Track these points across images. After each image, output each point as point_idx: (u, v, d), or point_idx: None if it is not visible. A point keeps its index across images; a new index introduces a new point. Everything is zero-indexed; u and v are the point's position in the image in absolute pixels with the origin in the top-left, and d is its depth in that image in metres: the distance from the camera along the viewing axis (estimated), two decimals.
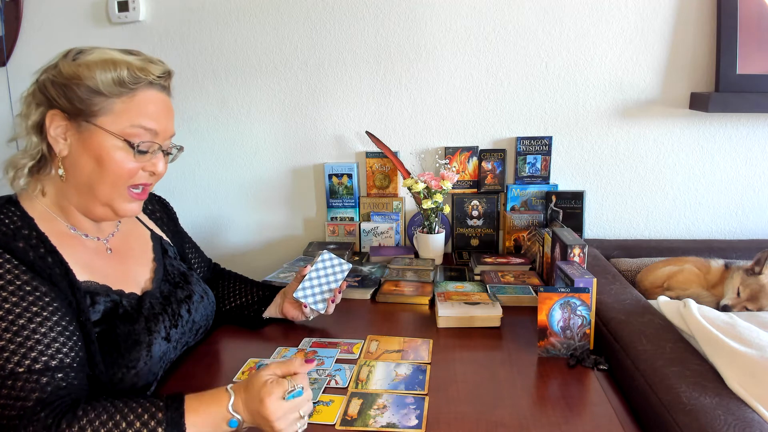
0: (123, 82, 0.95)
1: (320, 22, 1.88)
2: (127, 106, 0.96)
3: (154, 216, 1.27)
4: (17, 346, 0.83)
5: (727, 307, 1.36)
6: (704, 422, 0.89)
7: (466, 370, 1.13)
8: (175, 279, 1.17)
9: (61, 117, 0.95)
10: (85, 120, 0.95)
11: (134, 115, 0.97)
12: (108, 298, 0.99)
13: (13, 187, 0.98)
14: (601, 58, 1.81)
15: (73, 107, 0.94)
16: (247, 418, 0.86)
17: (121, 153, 0.97)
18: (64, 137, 0.96)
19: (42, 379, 0.84)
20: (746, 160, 1.85)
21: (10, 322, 0.84)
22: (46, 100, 0.95)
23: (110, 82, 0.95)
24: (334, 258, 1.32)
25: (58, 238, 0.96)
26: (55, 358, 0.86)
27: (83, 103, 0.94)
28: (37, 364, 0.84)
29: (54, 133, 0.95)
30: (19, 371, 0.83)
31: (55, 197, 1.00)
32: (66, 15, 1.96)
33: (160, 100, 1.01)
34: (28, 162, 0.97)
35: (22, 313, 0.85)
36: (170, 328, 1.07)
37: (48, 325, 0.87)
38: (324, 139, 1.97)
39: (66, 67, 0.95)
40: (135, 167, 0.99)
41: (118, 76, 0.95)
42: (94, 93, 0.94)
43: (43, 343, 0.85)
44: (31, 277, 0.88)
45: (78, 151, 0.96)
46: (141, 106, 0.98)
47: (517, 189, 1.89)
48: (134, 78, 0.96)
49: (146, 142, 0.99)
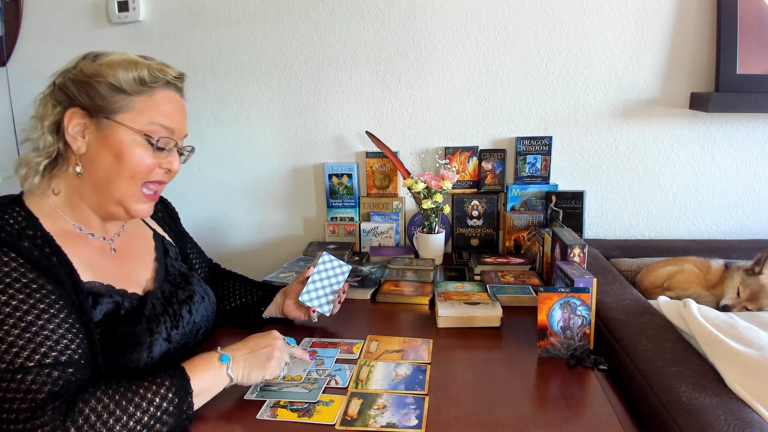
0: (144, 81, 0.99)
1: (320, 22, 1.88)
2: (146, 105, 1.00)
3: (156, 216, 1.27)
4: (26, 342, 0.84)
5: (727, 307, 1.36)
6: (704, 422, 0.89)
7: (466, 370, 1.13)
8: (177, 279, 1.17)
9: (81, 115, 0.98)
10: (106, 117, 0.98)
11: (153, 113, 1.00)
12: (110, 300, 0.99)
13: (24, 186, 0.99)
14: (601, 58, 1.81)
15: (94, 104, 0.97)
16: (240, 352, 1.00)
17: (140, 149, 1.00)
18: (82, 135, 0.98)
19: (54, 373, 0.85)
20: (746, 160, 1.85)
21: (18, 318, 0.85)
22: (66, 98, 0.98)
23: (131, 81, 0.98)
24: (334, 260, 1.33)
25: (62, 238, 0.97)
26: (64, 353, 0.87)
27: (105, 100, 0.97)
28: (48, 359, 0.85)
29: (72, 131, 0.98)
30: (29, 365, 0.84)
31: (67, 195, 1.01)
32: (66, 15, 1.96)
33: (176, 100, 1.06)
34: (43, 160, 0.98)
35: (30, 309, 0.86)
36: (171, 329, 1.07)
37: (56, 322, 0.88)
38: (324, 139, 1.97)
39: (87, 67, 0.98)
40: (153, 163, 1.02)
41: (139, 75, 0.99)
42: (115, 90, 0.97)
43: (52, 339, 0.86)
44: (36, 276, 0.89)
45: (97, 148, 0.99)
46: (159, 104, 1.01)
47: (517, 189, 1.89)
48: (154, 77, 1.00)
49: (164, 138, 1.02)
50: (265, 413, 0.98)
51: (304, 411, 0.98)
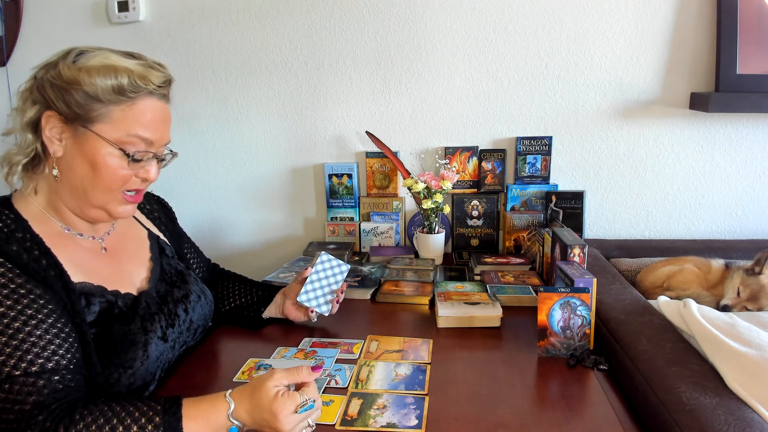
0: (123, 90, 0.94)
1: (320, 22, 1.88)
2: (125, 115, 0.95)
3: (152, 216, 1.27)
4: (13, 350, 0.83)
5: (727, 307, 1.36)
6: (704, 422, 0.89)
7: (466, 370, 1.13)
8: (172, 278, 1.17)
9: (58, 119, 0.94)
10: (82, 125, 0.94)
11: (131, 124, 0.96)
12: (103, 299, 0.98)
13: (8, 183, 0.98)
14: (601, 58, 1.81)
15: (70, 111, 0.93)
16: (249, 422, 0.86)
17: (115, 160, 0.96)
18: (59, 138, 0.95)
19: (39, 382, 0.83)
20: (746, 160, 1.84)
21: (5, 326, 0.84)
22: (43, 101, 0.94)
23: (109, 90, 0.93)
24: (333, 259, 1.32)
25: (52, 239, 0.96)
26: (51, 360, 0.86)
27: (81, 108, 0.93)
28: (34, 367, 0.84)
29: (49, 133, 0.95)
30: (15, 374, 0.83)
31: (48, 196, 1.00)
32: (66, 15, 1.96)
33: (158, 108, 1.00)
34: (22, 159, 0.96)
35: (17, 316, 0.85)
36: (167, 328, 1.07)
37: (43, 328, 0.86)
38: (324, 139, 1.97)
39: (66, 71, 0.93)
40: (128, 174, 0.99)
41: (118, 84, 0.94)
42: (92, 99, 0.93)
43: (38, 345, 0.85)
44: (25, 280, 0.88)
45: (73, 154, 0.96)
46: (139, 115, 0.97)
47: (517, 189, 1.89)
48: (134, 87, 0.95)
49: (141, 152, 0.98)
50: None
51: None
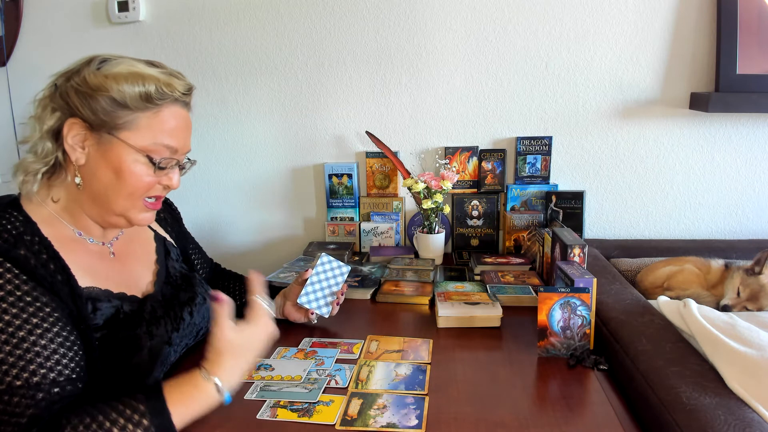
0: (150, 98, 0.95)
1: (320, 22, 1.88)
2: (150, 122, 0.96)
3: (158, 217, 1.26)
4: (16, 359, 0.83)
5: (727, 307, 1.36)
6: (704, 422, 0.89)
7: (466, 370, 1.13)
8: (177, 281, 1.17)
9: (81, 126, 0.94)
10: (108, 132, 0.94)
11: (157, 132, 0.97)
12: (110, 304, 0.98)
13: (23, 190, 0.97)
14: (601, 58, 1.81)
15: (96, 118, 0.93)
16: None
17: (141, 167, 0.96)
18: (82, 146, 0.95)
19: (38, 395, 0.83)
20: (746, 160, 1.85)
21: (10, 334, 0.83)
22: (67, 108, 0.94)
23: (137, 97, 0.93)
24: (333, 261, 1.32)
25: (61, 243, 0.95)
26: (54, 370, 0.85)
27: (108, 115, 0.93)
28: (36, 377, 0.83)
29: (72, 141, 0.94)
30: (16, 385, 0.82)
31: (67, 203, 0.99)
32: (66, 15, 1.96)
33: (181, 116, 1.01)
34: (41, 168, 0.95)
35: (22, 325, 0.84)
36: (172, 332, 1.07)
37: (48, 337, 0.86)
38: (324, 139, 1.97)
39: (92, 78, 0.93)
40: (152, 181, 0.99)
41: (146, 92, 0.94)
42: (119, 106, 0.93)
43: (42, 355, 0.85)
44: (31, 288, 0.87)
45: (96, 162, 0.95)
46: (164, 123, 0.97)
47: (517, 189, 1.89)
48: (161, 94, 0.95)
49: (166, 159, 0.99)
50: (265, 413, 0.98)
51: (304, 411, 0.98)
